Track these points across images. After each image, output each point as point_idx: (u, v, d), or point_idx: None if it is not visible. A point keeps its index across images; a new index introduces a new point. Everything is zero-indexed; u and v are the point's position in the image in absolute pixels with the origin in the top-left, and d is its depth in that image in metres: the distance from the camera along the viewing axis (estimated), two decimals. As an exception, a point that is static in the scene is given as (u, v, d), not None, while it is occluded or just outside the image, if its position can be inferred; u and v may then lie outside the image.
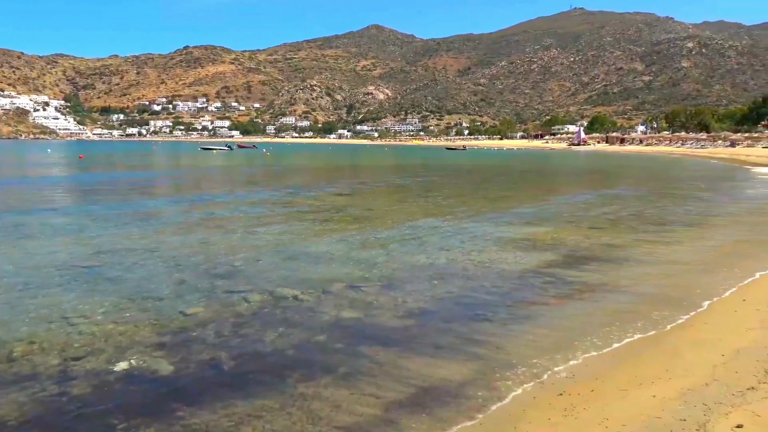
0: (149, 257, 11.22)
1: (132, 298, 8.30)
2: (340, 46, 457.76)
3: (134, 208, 19.55)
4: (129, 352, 6.30)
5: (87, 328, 7.02)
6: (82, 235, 13.87)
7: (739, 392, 4.71)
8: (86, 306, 7.89)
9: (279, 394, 5.34)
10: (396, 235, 14.15)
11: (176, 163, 64.09)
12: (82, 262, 10.69)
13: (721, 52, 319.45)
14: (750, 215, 17.57)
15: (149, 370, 5.87)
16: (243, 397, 5.29)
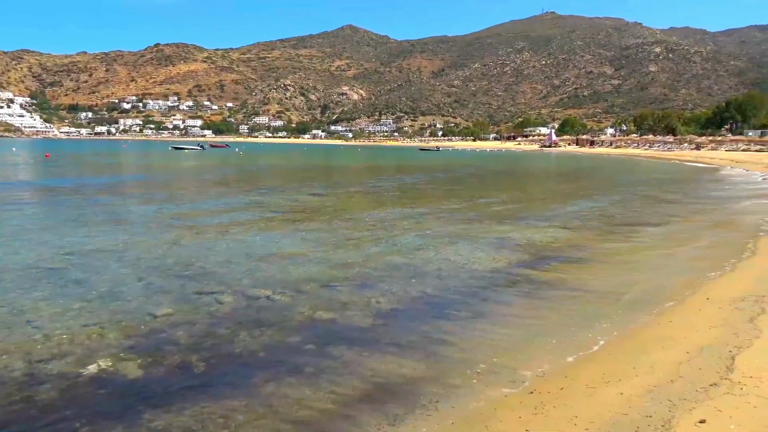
0: (117, 259, 11.00)
1: (100, 301, 8.12)
2: (315, 46, 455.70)
3: (101, 208, 19.14)
4: (96, 355, 6.17)
5: (52, 331, 6.85)
6: (47, 236, 13.52)
7: (703, 388, 4.84)
8: (51, 309, 7.70)
9: (246, 394, 5.35)
10: (370, 235, 14.15)
11: (146, 162, 62.94)
12: (47, 264, 10.42)
13: (687, 58, 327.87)
14: (715, 215, 18.06)
15: (117, 374, 5.77)
16: (211, 397, 5.27)
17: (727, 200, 22.97)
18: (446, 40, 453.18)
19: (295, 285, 9.19)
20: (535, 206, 22.38)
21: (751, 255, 10.95)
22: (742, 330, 6.22)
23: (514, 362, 6.05)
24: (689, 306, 7.66)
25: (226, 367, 6.04)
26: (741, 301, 7.41)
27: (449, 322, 7.51)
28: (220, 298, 8.40)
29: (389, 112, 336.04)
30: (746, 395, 4.58)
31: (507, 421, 4.67)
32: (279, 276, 9.80)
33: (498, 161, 73.79)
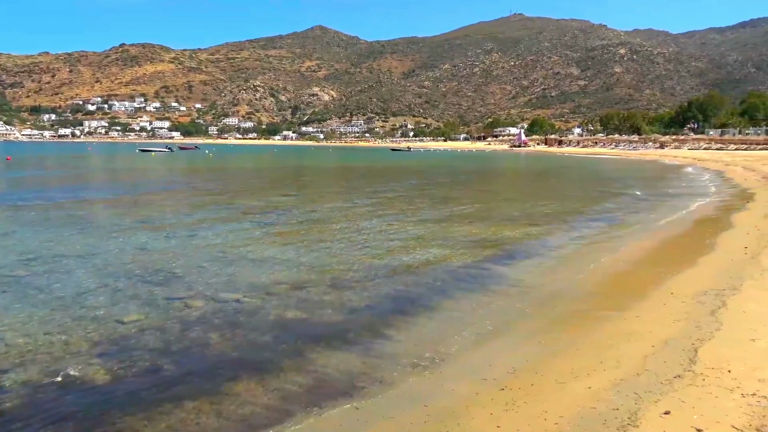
0: (82, 264, 10.72)
1: (65, 308, 7.91)
2: (284, 46, 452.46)
3: (65, 211, 18.65)
4: (63, 363, 6.02)
5: (16, 339, 6.66)
6: (8, 240, 13.12)
7: (667, 381, 4.97)
8: (15, 317, 7.48)
9: (216, 396, 5.34)
10: (342, 235, 14.13)
11: (112, 164, 61.61)
12: (9, 271, 10.11)
13: (651, 59, 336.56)
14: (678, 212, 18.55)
15: (85, 381, 5.64)
16: (180, 401, 5.24)
17: (687, 197, 23.61)
18: (416, 41, 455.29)
19: (266, 287, 9.12)
20: (506, 205, 22.66)
21: (711, 251, 11.29)
22: (704, 323, 6.41)
23: (487, 359, 6.12)
24: (654, 301, 7.85)
25: (196, 370, 5.98)
26: (703, 296, 7.64)
27: (418, 318, 7.57)
28: (189, 302, 8.27)
29: (360, 113, 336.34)
30: (708, 386, 4.72)
31: (479, 417, 4.72)
32: (250, 279, 9.71)
33: (469, 161, 74.45)
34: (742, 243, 11.33)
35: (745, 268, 8.87)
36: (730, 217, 16.05)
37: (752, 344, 5.54)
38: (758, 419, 4.02)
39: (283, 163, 69.25)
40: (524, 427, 4.45)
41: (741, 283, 7.91)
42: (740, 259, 9.74)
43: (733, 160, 46.95)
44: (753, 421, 4.01)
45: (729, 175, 34.96)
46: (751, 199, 20.41)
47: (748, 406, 4.25)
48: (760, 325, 6.03)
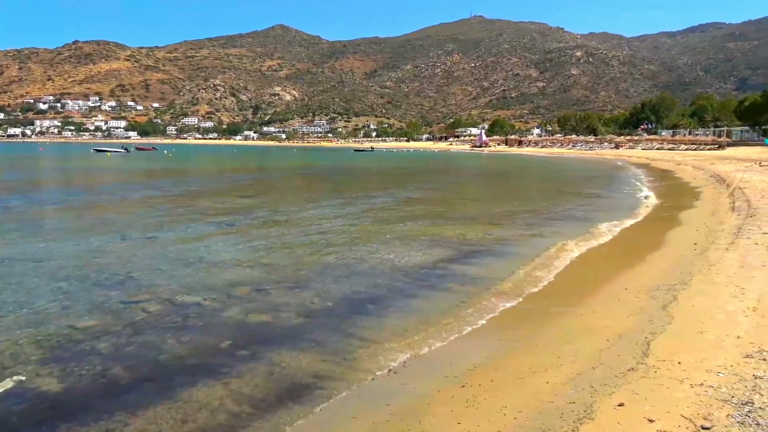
0: (34, 268, 10.34)
1: (14, 314, 7.61)
2: (245, 45, 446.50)
3: (15, 215, 17.93)
4: (11, 371, 5.78)
5: (-41, 347, 6.37)
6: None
7: (621, 373, 5.12)
8: (-42, 324, 7.15)
9: (171, 402, 5.24)
10: (304, 237, 14.04)
11: (66, 165, 59.59)
12: (-46, 276, 9.67)
13: (606, 62, 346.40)
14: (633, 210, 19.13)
15: (34, 389, 5.44)
16: (134, 407, 5.12)
17: (641, 195, 24.39)
18: (378, 41, 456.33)
19: (227, 290, 8.98)
20: (467, 205, 22.93)
21: (663, 247, 11.70)
22: (656, 317, 6.63)
23: (448, 356, 6.19)
24: (610, 296, 8.09)
25: (152, 376, 5.84)
26: (655, 290, 7.90)
27: (379, 319, 7.59)
28: (146, 306, 8.07)
29: (323, 113, 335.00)
30: (660, 378, 4.89)
31: (440, 415, 4.77)
32: (209, 281, 9.54)
33: (432, 161, 75.04)
34: (691, 239, 11.77)
35: (694, 264, 9.21)
36: (680, 214, 16.66)
37: (700, 336, 5.76)
38: (705, 408, 4.18)
39: (245, 163, 68.35)
40: (484, 423, 4.51)
41: (691, 278, 8.20)
42: (690, 255, 10.11)
43: (683, 160, 48.71)
44: (701, 410, 4.17)
45: (680, 174, 36.27)
46: (700, 197, 21.23)
47: (696, 396, 4.41)
48: (708, 318, 6.27)
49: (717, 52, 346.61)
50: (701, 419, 4.02)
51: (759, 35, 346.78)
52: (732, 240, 10.67)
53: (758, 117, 72.43)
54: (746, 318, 6.14)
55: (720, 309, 6.55)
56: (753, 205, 15.47)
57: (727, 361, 5.00)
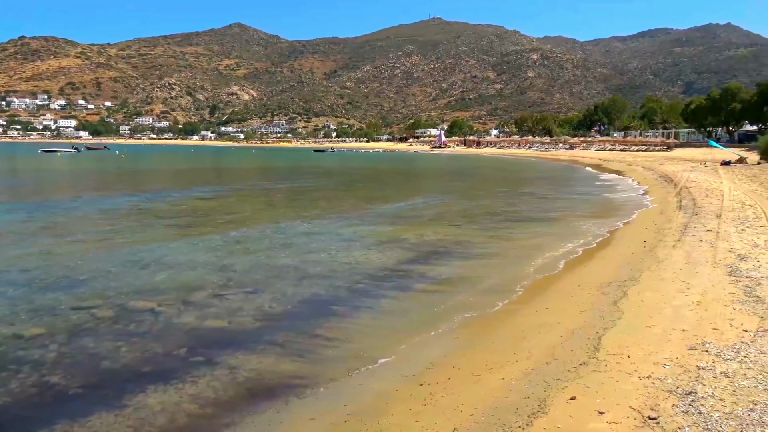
0: (-24, 273, 9.88)
1: (-47, 321, 7.25)
2: (201, 43, 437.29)
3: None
4: (-51, 382, 5.51)
5: None
6: None
7: (574, 368, 5.26)
8: None
9: (121, 410, 5.11)
10: (263, 239, 13.88)
11: (11, 165, 57.07)
12: None
13: (560, 65, 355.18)
14: (584, 208, 19.68)
15: (-25, 401, 5.19)
16: (80, 416, 4.98)
17: (594, 195, 25.13)
18: (337, 41, 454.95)
19: (182, 294, 8.78)
20: (427, 206, 23.10)
21: (614, 245, 12.08)
22: (607, 312, 6.84)
23: (407, 356, 6.23)
24: (563, 293, 8.30)
25: (100, 384, 5.68)
26: (607, 287, 8.15)
27: (338, 320, 7.59)
28: (98, 312, 7.82)
29: (282, 113, 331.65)
30: (610, 371, 5.04)
31: (398, 414, 4.80)
32: (165, 285, 9.31)
33: (392, 162, 75.32)
34: (641, 237, 12.20)
35: (643, 261, 9.54)
36: (630, 212, 17.23)
37: (648, 330, 5.97)
38: (652, 399, 4.34)
39: (202, 164, 67.01)
40: (441, 420, 4.57)
41: (640, 275, 8.50)
42: (639, 252, 10.48)
43: (634, 161, 50.39)
44: (648, 401, 4.33)
45: (630, 174, 37.50)
46: (650, 196, 22.01)
47: (644, 388, 4.57)
48: (655, 313, 6.51)
49: (665, 56, 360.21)
50: (648, 410, 4.17)
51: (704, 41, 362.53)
52: (679, 237, 11.11)
53: (703, 119, 75.55)
54: (691, 312, 6.40)
55: (667, 304, 6.81)
56: (698, 203, 16.15)
57: (672, 354, 5.20)
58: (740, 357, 4.97)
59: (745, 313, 6.16)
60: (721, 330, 5.69)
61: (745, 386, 4.38)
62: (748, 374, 4.60)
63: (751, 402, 4.12)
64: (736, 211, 13.96)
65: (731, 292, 6.96)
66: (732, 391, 4.31)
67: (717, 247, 9.75)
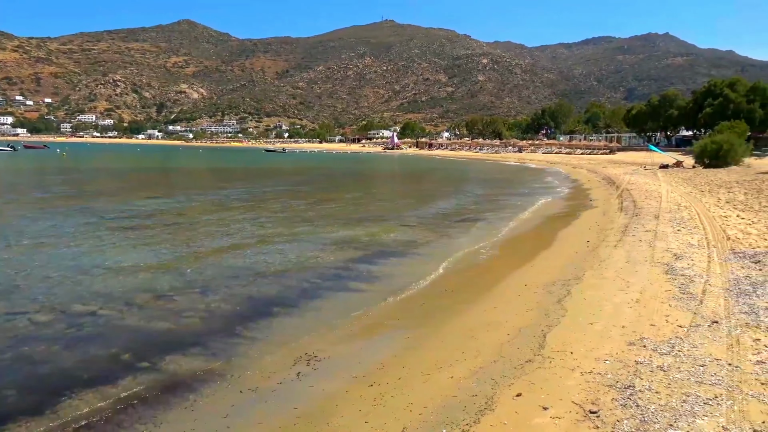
0: None
1: None
2: (148, 39, 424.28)
3: None
4: None
5: None
6: None
7: (520, 365, 5.39)
8: None
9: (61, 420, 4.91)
10: (211, 239, 13.59)
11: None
12: None
13: (510, 69, 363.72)
14: (533, 209, 20.19)
15: None
16: (12, 421, 4.81)
17: (539, 195, 25.82)
18: (289, 41, 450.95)
19: (126, 297, 8.51)
20: (377, 206, 23.18)
21: (559, 245, 12.45)
22: (552, 311, 7.04)
23: (357, 356, 6.24)
24: (511, 292, 8.49)
25: (37, 392, 5.43)
26: (552, 286, 8.38)
27: (288, 321, 7.53)
28: (35, 317, 7.48)
29: (232, 113, 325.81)
30: (554, 368, 5.19)
31: (347, 415, 4.80)
32: (107, 289, 8.99)
33: (345, 163, 75.12)
34: (584, 237, 12.61)
35: (586, 260, 9.87)
36: (576, 213, 17.81)
37: (590, 327, 6.18)
38: (593, 394, 4.50)
39: (148, 163, 64.99)
40: (391, 420, 4.59)
41: (583, 273, 8.79)
42: (583, 252, 10.84)
43: (579, 163, 52.09)
44: (589, 396, 4.49)
45: (575, 176, 38.74)
46: (593, 198, 22.79)
47: (586, 383, 4.73)
48: (597, 310, 6.75)
49: (608, 63, 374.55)
50: (590, 404, 4.33)
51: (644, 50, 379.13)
52: (620, 237, 11.55)
53: (643, 124, 79.01)
54: (630, 309, 6.66)
55: (608, 301, 7.07)
56: (638, 205, 16.84)
57: (613, 350, 5.40)
58: (675, 351, 5.22)
59: (680, 309, 6.47)
60: (658, 326, 5.95)
61: (678, 379, 4.60)
62: (682, 367, 4.83)
63: (683, 394, 4.34)
64: (672, 213, 14.64)
65: (667, 290, 7.29)
66: (667, 384, 4.52)
67: (655, 246, 10.19)
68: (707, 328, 5.79)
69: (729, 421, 3.89)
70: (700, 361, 4.94)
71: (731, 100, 57.54)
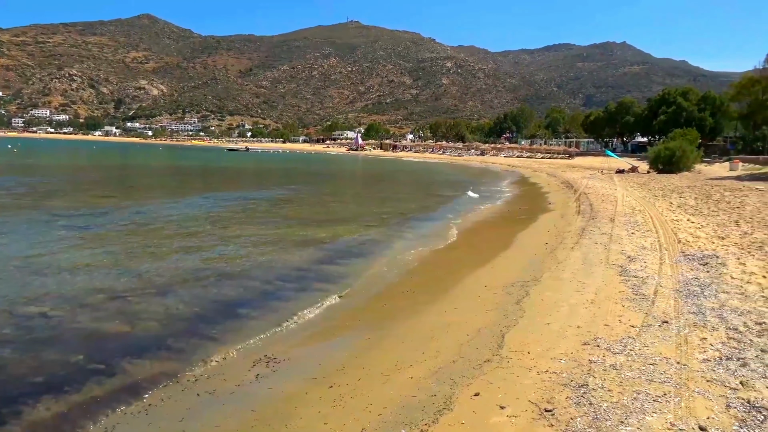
0: None
1: None
2: (106, 33, 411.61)
3: None
4: None
5: None
6: None
7: (478, 365, 5.46)
8: None
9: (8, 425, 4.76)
10: (169, 240, 13.28)
11: None
12: None
13: (473, 74, 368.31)
14: (491, 212, 20.51)
15: None
16: None
17: (498, 199, 26.25)
18: (253, 39, 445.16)
19: (79, 298, 8.24)
20: (341, 207, 23.13)
21: (519, 247, 12.68)
22: (510, 311, 7.16)
23: (317, 358, 6.21)
24: (471, 293, 8.59)
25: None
26: (511, 287, 8.53)
27: (246, 322, 7.44)
28: (-20, 319, 7.17)
29: (194, 111, 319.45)
30: (511, 367, 5.28)
31: (306, 417, 4.77)
32: (59, 290, 8.69)
33: (309, 163, 74.61)
34: (543, 239, 12.89)
35: (545, 262, 10.08)
36: (535, 216, 18.17)
37: (547, 327, 6.32)
38: (549, 392, 4.60)
39: (105, 161, 63.13)
40: (350, 421, 4.58)
41: (541, 275, 8.97)
42: (541, 254, 11.06)
43: (539, 167, 53.17)
44: (545, 394, 4.58)
45: (536, 180, 39.54)
46: (552, 201, 23.29)
47: (542, 382, 4.83)
48: (554, 311, 6.90)
49: (568, 70, 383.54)
50: (545, 402, 4.42)
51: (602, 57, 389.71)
52: (577, 240, 11.84)
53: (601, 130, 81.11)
54: (585, 309, 6.84)
55: (564, 302, 7.23)
56: (595, 208, 17.30)
57: (568, 349, 5.53)
58: (627, 350, 5.38)
59: (633, 309, 6.67)
60: (611, 326, 6.12)
61: (630, 377, 4.75)
62: (633, 366, 4.99)
63: (634, 391, 4.47)
64: (627, 216, 15.09)
65: (621, 291, 7.51)
66: (619, 382, 4.65)
67: (610, 249, 10.49)
68: (658, 327, 5.99)
69: (676, 418, 4.03)
70: (651, 360, 5.10)
71: (684, 109, 59.65)
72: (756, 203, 16.60)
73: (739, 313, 6.35)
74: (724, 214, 14.50)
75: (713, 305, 6.67)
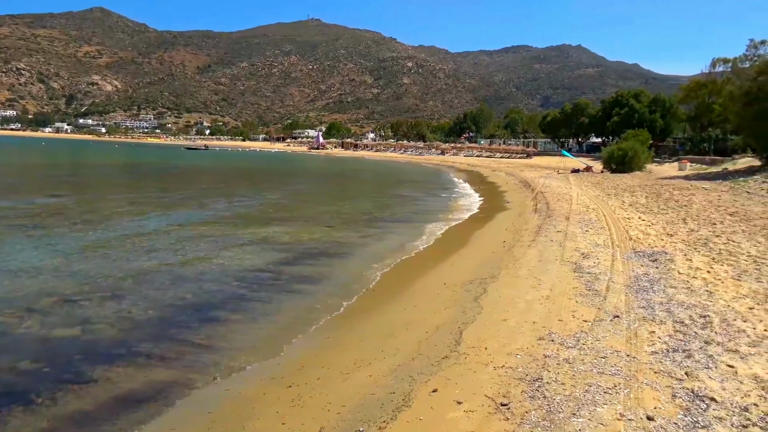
0: None
1: None
2: (57, 26, 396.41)
3: None
4: None
5: None
6: None
7: (437, 362, 5.52)
8: None
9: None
10: (123, 240, 12.92)
11: None
12: None
13: (433, 74, 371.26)
14: (450, 211, 20.73)
15: None
16: None
17: (461, 197, 26.57)
18: (212, 35, 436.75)
19: (27, 302, 7.93)
20: (305, 207, 22.96)
21: (477, 245, 12.86)
22: (468, 308, 7.26)
23: (276, 358, 6.15)
24: (430, 291, 8.68)
25: None
26: (469, 284, 8.64)
27: (205, 324, 7.31)
28: None
29: (150, 107, 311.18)
30: (468, 363, 5.36)
31: (264, 417, 4.72)
32: (5, 293, 8.33)
33: (270, 162, 73.78)
34: (501, 237, 13.11)
35: (502, 260, 10.26)
36: (493, 215, 18.47)
37: (504, 324, 6.43)
38: (505, 387, 4.69)
39: (55, 158, 60.84)
40: (308, 420, 4.57)
41: (499, 272, 9.12)
42: (499, 252, 11.25)
43: (498, 167, 54.02)
44: (501, 389, 4.67)
45: (494, 179, 40.16)
46: (510, 200, 23.72)
47: (498, 377, 4.92)
48: (511, 307, 7.03)
49: (526, 72, 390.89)
50: (501, 397, 4.50)
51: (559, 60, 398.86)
52: (533, 238, 12.09)
53: (557, 131, 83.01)
54: (541, 305, 6.99)
55: (521, 299, 7.38)
56: (551, 207, 17.70)
57: (524, 344, 5.65)
58: (579, 345, 5.53)
59: (586, 305, 6.86)
60: (565, 321, 6.28)
61: (582, 370, 4.88)
62: (585, 360, 5.13)
63: (586, 384, 4.60)
64: (582, 214, 15.50)
65: (575, 287, 7.71)
66: (572, 376, 4.78)
67: (565, 246, 10.75)
68: (609, 322, 6.18)
69: (626, 408, 4.17)
70: (602, 353, 5.26)
71: (636, 110, 61.58)
72: (702, 202, 17.30)
73: (685, 306, 6.61)
74: (672, 212, 15.06)
75: (661, 300, 6.92)
